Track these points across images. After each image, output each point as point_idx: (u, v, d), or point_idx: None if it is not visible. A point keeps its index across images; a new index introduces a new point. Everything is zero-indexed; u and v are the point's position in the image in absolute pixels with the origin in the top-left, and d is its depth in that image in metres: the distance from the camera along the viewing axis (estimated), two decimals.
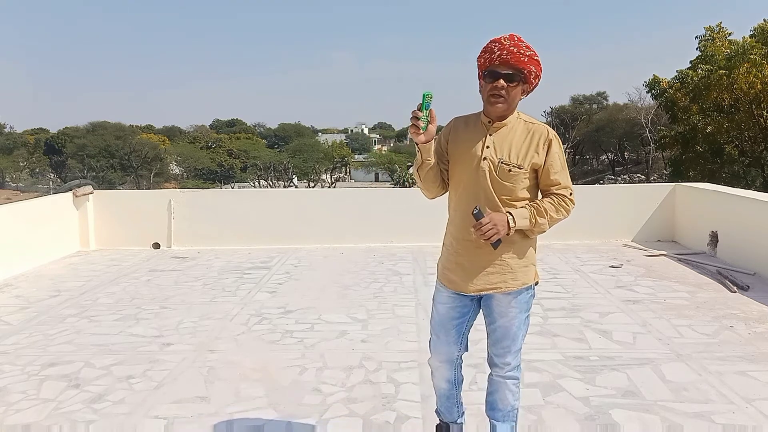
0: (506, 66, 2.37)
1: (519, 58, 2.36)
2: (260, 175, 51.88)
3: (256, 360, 4.21)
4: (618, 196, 8.80)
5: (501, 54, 2.36)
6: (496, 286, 2.50)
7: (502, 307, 2.52)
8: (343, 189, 12.60)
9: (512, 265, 2.49)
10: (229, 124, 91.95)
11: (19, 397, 3.66)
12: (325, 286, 6.23)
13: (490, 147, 2.46)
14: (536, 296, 2.65)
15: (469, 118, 2.58)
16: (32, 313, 5.43)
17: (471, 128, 2.53)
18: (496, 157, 2.44)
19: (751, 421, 3.23)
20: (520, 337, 2.57)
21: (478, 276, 2.50)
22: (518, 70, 2.38)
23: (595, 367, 3.98)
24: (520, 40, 2.41)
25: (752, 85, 20.99)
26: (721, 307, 5.24)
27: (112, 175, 54.83)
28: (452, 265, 2.57)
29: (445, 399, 2.77)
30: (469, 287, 2.52)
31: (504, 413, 2.64)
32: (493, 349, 2.59)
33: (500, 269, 2.48)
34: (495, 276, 2.49)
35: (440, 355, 2.67)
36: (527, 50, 2.39)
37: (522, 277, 2.51)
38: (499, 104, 2.41)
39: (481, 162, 2.45)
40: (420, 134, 2.35)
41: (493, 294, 2.51)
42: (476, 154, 2.47)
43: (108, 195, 8.92)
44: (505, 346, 2.55)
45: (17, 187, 59.61)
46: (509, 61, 2.36)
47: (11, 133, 75.88)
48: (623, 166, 54.44)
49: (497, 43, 2.40)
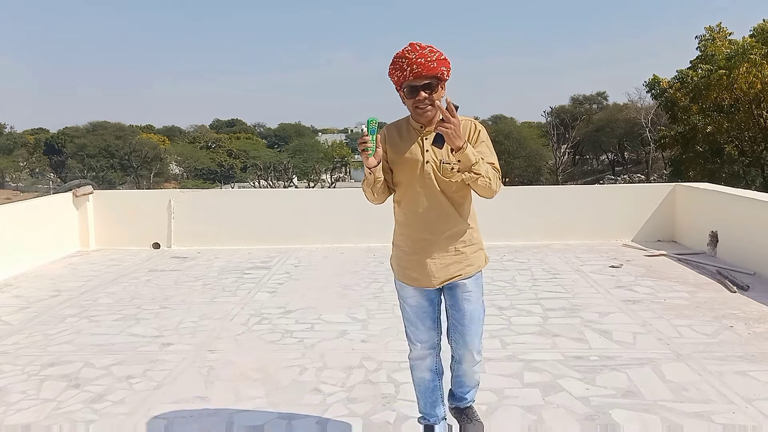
0: (420, 78, 2.47)
1: (429, 66, 2.45)
2: (260, 175, 51.83)
3: (256, 360, 4.21)
4: (618, 196, 8.80)
5: (412, 69, 2.46)
6: (456, 275, 2.65)
7: (466, 293, 2.66)
8: (343, 189, 12.60)
9: (467, 252, 2.66)
10: (229, 124, 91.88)
11: (19, 397, 3.66)
12: (325, 286, 6.23)
13: (429, 150, 2.57)
14: (536, 296, 2.68)
15: (401, 125, 2.69)
16: (32, 313, 5.43)
17: (405, 135, 2.65)
18: (437, 158, 2.57)
19: (751, 421, 3.23)
20: (483, 319, 2.74)
21: (438, 269, 2.63)
22: (433, 77, 2.48)
23: (595, 367, 3.98)
24: (422, 47, 2.49)
25: (752, 85, 20.96)
26: (721, 307, 5.24)
27: (112, 175, 54.80)
28: (411, 264, 2.69)
29: (429, 393, 2.86)
30: (432, 281, 2.65)
31: (471, 387, 2.85)
32: (464, 338, 2.69)
33: (458, 259, 2.64)
34: (454, 266, 2.64)
35: (423, 343, 2.78)
36: (432, 54, 2.47)
37: (476, 261, 2.69)
38: (427, 112, 2.52)
39: (425, 165, 2.58)
40: (370, 158, 2.47)
41: (456, 283, 2.65)
42: (418, 159, 2.59)
43: (108, 195, 8.93)
44: (474, 330, 2.68)
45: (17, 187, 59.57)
46: (422, 73, 2.46)
47: (11, 133, 75.84)
48: (623, 166, 54.41)
49: (404, 58, 2.49)
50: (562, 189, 10.94)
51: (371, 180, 2.58)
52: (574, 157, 57.97)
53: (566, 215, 8.34)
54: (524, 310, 5.14)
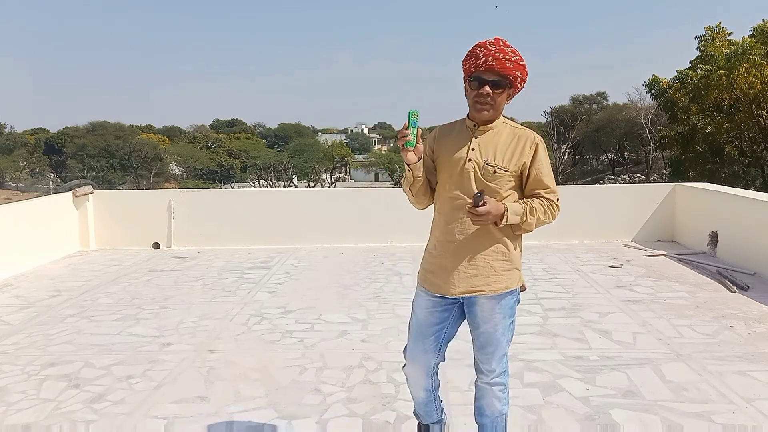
0: (492, 72, 2.35)
1: (504, 65, 2.34)
2: (260, 175, 51.82)
3: (256, 360, 4.21)
4: (618, 196, 8.80)
5: (486, 60, 2.34)
6: (479, 289, 2.45)
7: (486, 312, 2.47)
8: (343, 189, 12.60)
9: (496, 267, 2.45)
10: (229, 124, 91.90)
11: (19, 397, 3.66)
12: (325, 286, 6.22)
13: (475, 149, 2.44)
14: (536, 296, 2.65)
15: (455, 125, 2.57)
16: (32, 313, 5.43)
17: (456, 133, 2.52)
18: (481, 158, 2.42)
19: (751, 421, 3.23)
20: (504, 343, 2.52)
21: (460, 278, 2.45)
22: (504, 77, 2.36)
23: (595, 367, 3.98)
24: (506, 44, 2.38)
25: (752, 85, 20.97)
26: (721, 307, 5.24)
27: (112, 175, 54.82)
28: (435, 267, 2.53)
29: (423, 405, 2.70)
30: (451, 289, 2.47)
31: (492, 419, 2.59)
32: (478, 355, 2.55)
33: (483, 272, 2.44)
34: (477, 278, 2.44)
35: (416, 364, 2.60)
36: (512, 55, 2.36)
37: (505, 280, 2.47)
38: (485, 111, 2.40)
39: (466, 164, 2.43)
40: (409, 152, 2.34)
41: (477, 298, 2.46)
42: (461, 156, 2.45)
43: (108, 195, 8.93)
44: (489, 353, 2.51)
45: (17, 187, 59.57)
46: (495, 68, 2.34)
47: (11, 133, 75.87)
48: (623, 166, 54.41)
49: (482, 48, 2.37)
50: (562, 189, 10.88)
51: (410, 178, 2.45)
52: (574, 157, 57.99)
53: (566, 215, 8.19)
54: (524, 310, 5.12)
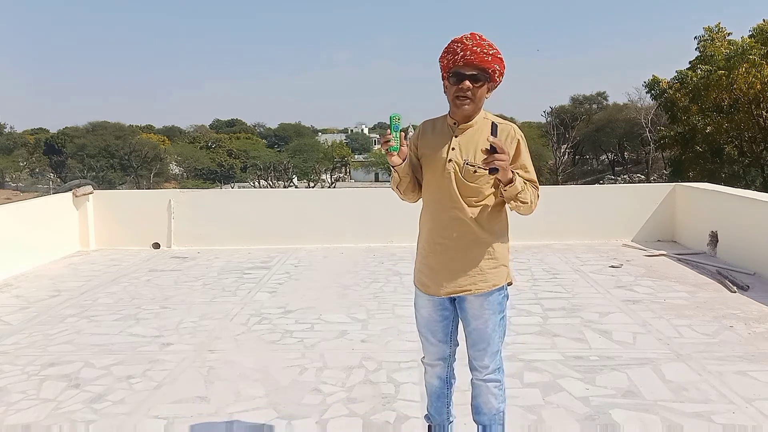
0: (470, 67, 2.35)
1: (483, 58, 2.34)
2: (260, 175, 51.84)
3: (256, 360, 4.21)
4: (618, 196, 8.80)
5: (464, 55, 2.34)
6: (466, 289, 2.47)
7: (475, 310, 2.50)
8: (343, 189, 12.61)
9: (482, 266, 2.47)
10: (229, 124, 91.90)
11: (19, 397, 3.66)
12: (325, 286, 6.23)
13: (455, 149, 2.44)
14: (536, 296, 2.65)
15: (437, 121, 2.58)
16: (32, 313, 5.43)
17: (438, 131, 2.52)
18: (461, 158, 2.42)
19: (751, 421, 3.23)
20: (496, 339, 2.54)
21: (447, 279, 2.48)
22: (483, 70, 2.36)
23: (595, 367, 3.98)
24: (482, 38, 2.39)
25: (751, 86, 20.98)
26: (721, 307, 5.24)
27: (112, 175, 54.83)
28: (424, 267, 2.57)
29: (435, 398, 2.75)
30: (439, 290, 2.51)
31: (489, 416, 2.60)
32: (471, 352, 2.58)
33: (469, 272, 2.46)
34: (464, 278, 2.47)
35: (432, 355, 2.67)
36: (490, 49, 2.37)
37: (492, 278, 2.48)
38: (465, 105, 2.40)
39: (447, 164, 2.44)
40: (393, 156, 2.37)
41: (465, 296, 2.49)
42: (442, 156, 2.46)
43: (108, 195, 8.93)
44: (481, 349, 2.53)
45: (17, 187, 59.60)
46: (473, 62, 2.34)
47: (11, 133, 75.91)
48: (623, 166, 54.43)
49: (459, 43, 2.38)
50: (562, 189, 10.94)
51: (396, 178, 2.49)
52: (574, 157, 57.99)
53: (566, 215, 8.34)
54: (524, 310, 5.13)
